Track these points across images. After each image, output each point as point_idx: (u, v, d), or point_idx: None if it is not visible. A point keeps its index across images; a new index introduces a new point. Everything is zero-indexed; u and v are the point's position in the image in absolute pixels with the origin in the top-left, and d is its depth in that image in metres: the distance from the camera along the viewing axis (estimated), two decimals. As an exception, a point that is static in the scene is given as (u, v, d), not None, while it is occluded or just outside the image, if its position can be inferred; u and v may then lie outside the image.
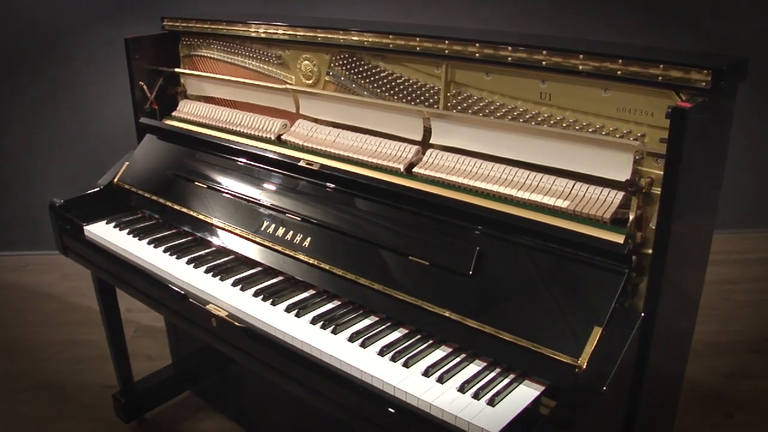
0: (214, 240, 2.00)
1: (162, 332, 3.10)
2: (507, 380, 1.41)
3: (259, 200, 1.96)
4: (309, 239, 1.80)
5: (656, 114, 1.46)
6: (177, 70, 2.44)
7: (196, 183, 2.14)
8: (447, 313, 1.52)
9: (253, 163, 2.06)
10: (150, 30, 2.47)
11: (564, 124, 1.59)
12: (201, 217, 2.06)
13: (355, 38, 1.89)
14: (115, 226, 2.18)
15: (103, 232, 2.15)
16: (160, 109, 2.46)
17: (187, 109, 2.42)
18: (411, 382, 1.40)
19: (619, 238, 1.44)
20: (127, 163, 2.36)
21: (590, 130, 1.56)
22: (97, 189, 2.32)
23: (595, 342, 1.34)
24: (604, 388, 1.27)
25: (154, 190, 2.23)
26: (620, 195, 1.49)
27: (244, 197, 2.00)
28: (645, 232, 1.49)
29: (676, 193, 1.31)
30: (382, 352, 1.50)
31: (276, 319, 1.64)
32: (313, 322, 1.62)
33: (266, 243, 1.88)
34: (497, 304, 1.48)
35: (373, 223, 1.74)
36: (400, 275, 1.63)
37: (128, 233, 2.13)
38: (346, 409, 1.46)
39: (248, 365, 1.68)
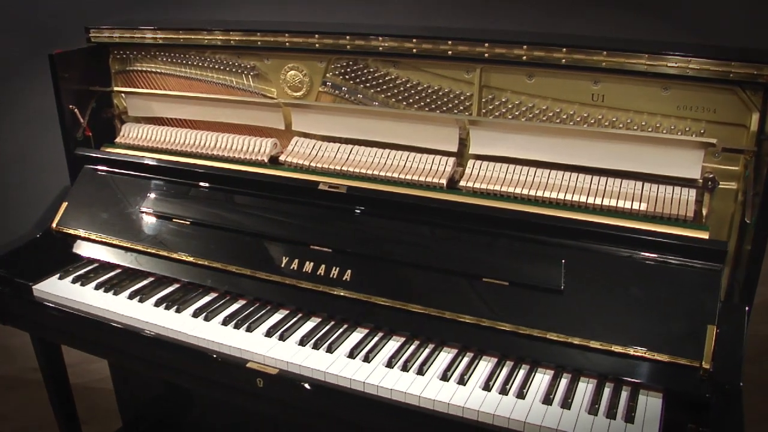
0: (214, 284, 1.72)
1: (86, 390, 2.69)
2: (626, 393, 1.36)
3: (270, 233, 1.71)
4: (349, 272, 1.60)
5: (719, 110, 1.49)
6: (121, 89, 2.07)
7: (175, 219, 1.82)
8: (535, 333, 1.43)
9: (249, 190, 1.80)
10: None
11: (619, 125, 1.57)
12: (190, 259, 1.76)
13: (370, 43, 1.71)
14: (74, 281, 1.79)
15: (60, 290, 1.75)
16: (94, 136, 2.07)
17: (134, 133, 2.06)
18: (537, 413, 1.30)
19: (704, 234, 1.45)
20: (65, 203, 1.96)
21: (648, 129, 1.55)
22: (35, 237, 1.90)
23: (714, 340, 1.33)
24: (741, 383, 1.27)
25: (112, 233, 1.87)
26: (693, 192, 1.51)
27: (248, 232, 1.74)
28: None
29: (777, 186, 1.34)
30: (487, 387, 1.37)
31: (342, 367, 1.44)
32: (389, 365, 1.45)
33: (288, 281, 1.64)
34: (598, 317, 1.42)
35: (427, 246, 1.59)
36: (474, 300, 1.51)
37: (95, 288, 1.76)
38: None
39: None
